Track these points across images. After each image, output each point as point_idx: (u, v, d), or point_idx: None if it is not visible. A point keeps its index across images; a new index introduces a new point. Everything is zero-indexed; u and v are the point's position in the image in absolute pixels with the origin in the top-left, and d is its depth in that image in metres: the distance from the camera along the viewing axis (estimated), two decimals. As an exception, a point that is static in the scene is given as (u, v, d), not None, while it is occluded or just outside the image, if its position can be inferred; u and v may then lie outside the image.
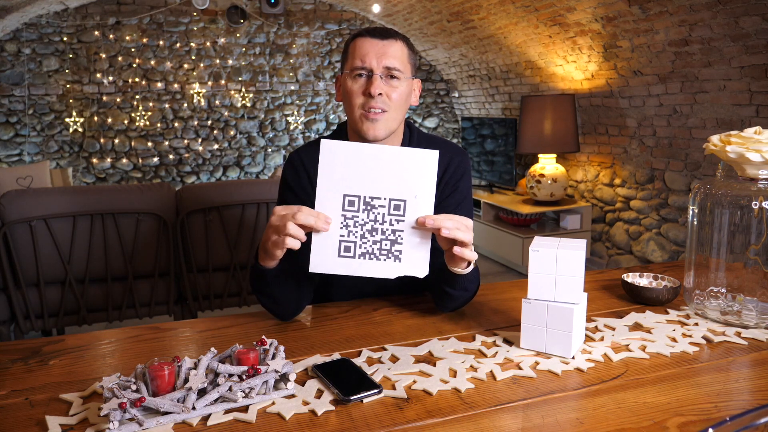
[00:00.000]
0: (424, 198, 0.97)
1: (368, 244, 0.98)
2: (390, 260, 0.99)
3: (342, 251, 0.99)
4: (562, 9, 3.61)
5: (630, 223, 4.06)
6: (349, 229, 0.98)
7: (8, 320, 2.39)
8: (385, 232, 0.98)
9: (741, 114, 3.03)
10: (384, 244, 0.98)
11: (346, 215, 0.98)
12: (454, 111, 6.33)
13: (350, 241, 0.99)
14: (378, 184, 0.97)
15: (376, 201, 0.98)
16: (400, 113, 1.20)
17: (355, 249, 0.99)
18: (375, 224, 0.98)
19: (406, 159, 0.97)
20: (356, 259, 0.99)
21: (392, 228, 0.98)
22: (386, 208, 0.98)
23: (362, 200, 0.98)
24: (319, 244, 0.98)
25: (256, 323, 1.16)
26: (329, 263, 0.99)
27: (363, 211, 0.98)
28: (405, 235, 0.98)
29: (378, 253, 0.99)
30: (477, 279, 1.16)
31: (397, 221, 0.98)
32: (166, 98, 5.37)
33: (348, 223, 0.98)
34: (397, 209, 0.97)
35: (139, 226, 2.41)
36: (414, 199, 0.97)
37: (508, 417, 0.80)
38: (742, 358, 0.98)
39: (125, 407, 0.74)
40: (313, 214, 0.97)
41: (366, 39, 1.18)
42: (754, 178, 1.08)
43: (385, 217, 0.98)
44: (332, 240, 0.99)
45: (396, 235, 0.98)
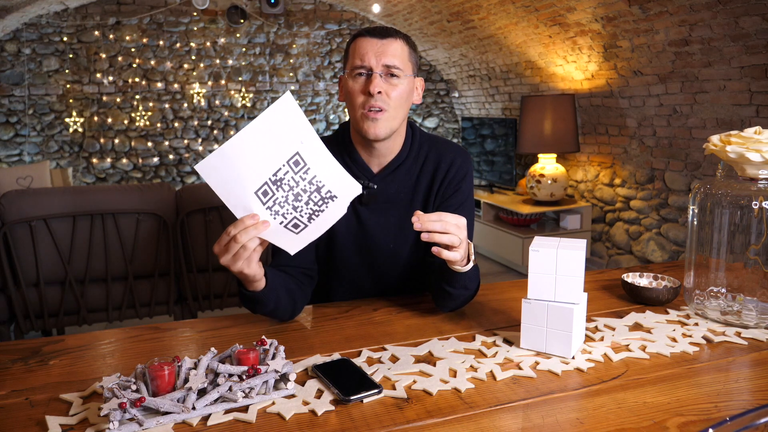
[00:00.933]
0: (308, 136, 0.96)
1: (304, 209, 0.99)
2: (330, 203, 1.00)
3: (294, 230, 0.99)
4: (562, 9, 3.61)
5: (630, 223, 4.06)
6: (282, 212, 0.98)
7: (8, 320, 2.39)
8: (305, 189, 0.98)
9: (741, 114, 3.03)
10: (313, 197, 0.99)
11: (269, 205, 0.97)
12: (454, 111, 6.33)
13: (291, 219, 0.99)
14: (268, 160, 0.95)
15: (279, 173, 0.96)
16: (401, 112, 1.20)
17: (300, 220, 0.99)
18: (294, 190, 0.98)
19: (268, 121, 0.94)
20: (309, 225, 0.99)
21: (307, 181, 0.98)
22: (290, 170, 0.97)
23: (270, 183, 0.96)
24: (278, 237, 0.97)
25: (256, 323, 1.16)
26: (298, 241, 0.98)
27: (277, 189, 0.97)
28: (319, 177, 0.98)
29: (317, 208, 0.99)
30: (477, 278, 1.15)
31: (305, 172, 0.97)
32: (166, 98, 5.37)
33: (276, 209, 0.97)
34: (297, 164, 0.97)
35: (139, 226, 2.41)
36: (303, 145, 0.96)
37: (508, 417, 0.80)
38: (742, 358, 0.98)
39: (125, 407, 0.74)
40: (248, 225, 0.94)
41: (365, 38, 1.18)
42: (754, 178, 1.08)
43: (295, 178, 0.97)
44: (280, 230, 0.98)
45: (314, 184, 0.99)
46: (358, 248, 1.30)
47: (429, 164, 1.28)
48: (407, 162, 1.27)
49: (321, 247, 1.31)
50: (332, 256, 1.31)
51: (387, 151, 1.25)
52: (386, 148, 1.24)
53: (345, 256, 1.30)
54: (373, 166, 1.27)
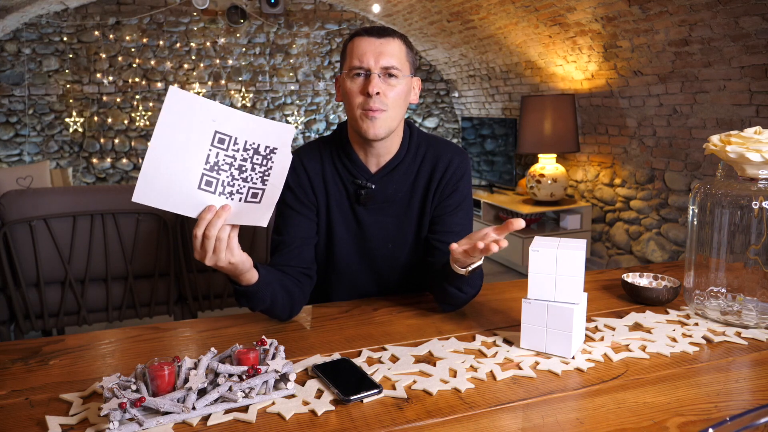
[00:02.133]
0: (216, 113, 0.91)
1: (253, 175, 0.95)
2: (273, 156, 0.95)
3: (254, 199, 0.96)
4: (562, 9, 3.61)
5: (630, 223, 4.06)
6: (235, 190, 0.95)
7: (8, 320, 2.39)
8: (244, 158, 0.94)
9: (741, 114, 3.03)
10: (255, 159, 0.94)
11: (220, 191, 0.94)
12: (454, 111, 6.33)
13: (247, 191, 0.95)
14: (192, 154, 0.91)
15: (210, 158, 0.92)
16: (400, 112, 1.21)
17: (254, 186, 0.95)
18: (234, 164, 0.93)
19: (167, 123, 0.89)
20: (266, 187, 0.96)
21: (241, 149, 0.93)
22: (220, 151, 0.92)
23: (207, 172, 0.92)
24: (243, 217, 0.95)
25: (256, 323, 1.16)
26: (264, 210, 0.96)
27: (218, 173, 0.93)
28: (250, 139, 0.93)
29: (265, 166, 0.95)
30: (480, 279, 1.16)
31: (234, 143, 0.92)
32: (166, 98, 5.36)
33: (229, 191, 0.95)
34: (222, 141, 0.92)
35: (139, 226, 2.41)
36: (215, 122, 0.91)
37: (508, 417, 0.80)
38: (742, 358, 0.98)
39: (125, 407, 0.74)
40: (213, 222, 0.92)
41: (363, 38, 1.18)
42: (754, 178, 1.08)
43: (229, 154, 0.93)
44: (242, 207, 0.95)
45: (249, 148, 0.94)
46: (357, 248, 1.30)
47: (427, 164, 1.28)
48: (405, 162, 1.27)
49: (320, 247, 1.31)
50: (331, 256, 1.31)
51: (385, 151, 1.25)
52: (384, 147, 1.24)
53: (344, 256, 1.30)
54: (371, 166, 1.27)
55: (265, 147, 0.95)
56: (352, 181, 1.27)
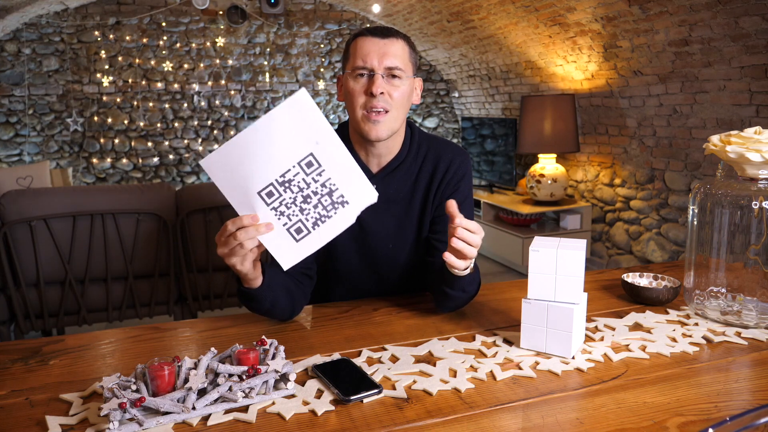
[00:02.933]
0: (326, 140, 0.92)
1: (312, 213, 0.96)
2: (339, 209, 0.96)
3: (296, 235, 0.96)
4: (562, 9, 3.61)
5: (630, 223, 4.06)
6: (287, 214, 0.95)
7: (8, 320, 2.39)
8: (316, 191, 0.95)
9: (741, 114, 3.03)
10: (324, 201, 0.95)
11: (274, 206, 0.94)
12: (454, 111, 6.33)
13: (295, 222, 0.96)
14: (276, 160, 0.92)
15: (288, 174, 0.93)
16: (402, 112, 1.21)
17: (305, 224, 0.96)
18: (303, 192, 0.94)
19: (279, 118, 0.90)
20: (312, 231, 0.96)
21: (319, 183, 0.94)
22: (301, 172, 0.93)
23: (276, 185, 0.93)
24: (274, 243, 0.96)
25: (256, 323, 1.16)
26: (294, 252, 0.97)
27: (285, 191, 0.94)
28: (334, 180, 0.94)
29: (326, 213, 0.96)
30: (476, 280, 1.16)
31: (319, 174, 0.94)
32: (166, 98, 5.37)
33: (282, 210, 0.95)
34: (310, 165, 0.93)
35: (139, 226, 2.41)
36: (318, 146, 0.92)
37: (508, 417, 0.80)
38: (742, 358, 0.98)
39: (125, 407, 0.74)
40: (248, 225, 0.93)
41: (367, 38, 1.18)
42: (754, 178, 1.08)
43: (306, 180, 0.94)
44: (281, 233, 0.96)
45: (327, 186, 0.95)
46: (358, 248, 1.30)
47: (428, 164, 1.28)
48: (406, 162, 1.27)
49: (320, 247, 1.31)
50: (331, 256, 1.31)
51: (386, 151, 1.25)
52: (385, 148, 1.24)
53: (344, 256, 1.30)
54: (372, 166, 1.27)
55: (340, 195, 0.95)
56: (353, 181, 1.27)
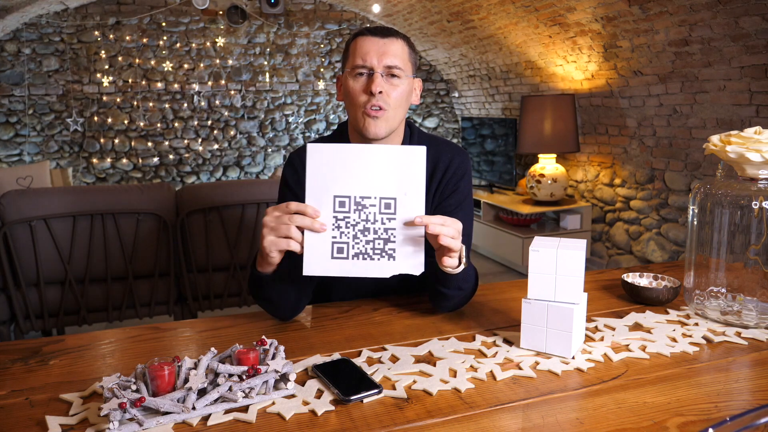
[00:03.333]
0: (414, 195, 0.97)
1: (361, 245, 0.98)
2: (384, 259, 0.98)
3: (335, 252, 0.98)
4: (562, 9, 3.61)
5: (630, 223, 4.06)
6: (341, 230, 0.98)
7: (8, 320, 2.39)
8: (377, 231, 0.97)
9: (741, 114, 3.03)
10: (377, 243, 0.98)
11: (337, 216, 0.97)
12: (454, 111, 6.33)
13: (343, 242, 0.98)
14: (367, 183, 0.96)
15: (367, 200, 0.97)
16: (401, 112, 1.21)
17: (348, 250, 0.98)
18: (367, 224, 0.97)
19: (394, 157, 0.96)
20: (350, 259, 0.98)
21: (384, 227, 0.97)
22: (377, 207, 0.97)
23: (353, 200, 0.97)
24: (312, 246, 0.98)
25: (256, 323, 1.16)
26: (323, 265, 0.98)
27: (354, 211, 0.97)
28: (397, 233, 0.97)
29: (371, 253, 0.98)
30: (472, 278, 1.15)
31: (389, 219, 0.97)
32: (166, 98, 5.37)
33: (340, 224, 0.97)
34: (387, 207, 0.97)
35: (139, 226, 2.41)
36: (404, 197, 0.96)
37: (508, 417, 0.80)
38: (742, 358, 0.98)
39: (125, 407, 0.74)
40: (308, 215, 0.97)
41: (367, 38, 1.18)
42: (754, 178, 1.08)
43: (377, 216, 0.97)
44: (325, 242, 0.98)
45: (388, 234, 0.97)
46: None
47: (427, 164, 1.28)
48: None
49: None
50: (332, 256, 1.31)
51: None
52: None
53: (344, 255, 1.30)
54: None
55: (393, 249, 0.99)
56: (352, 180, 1.27)
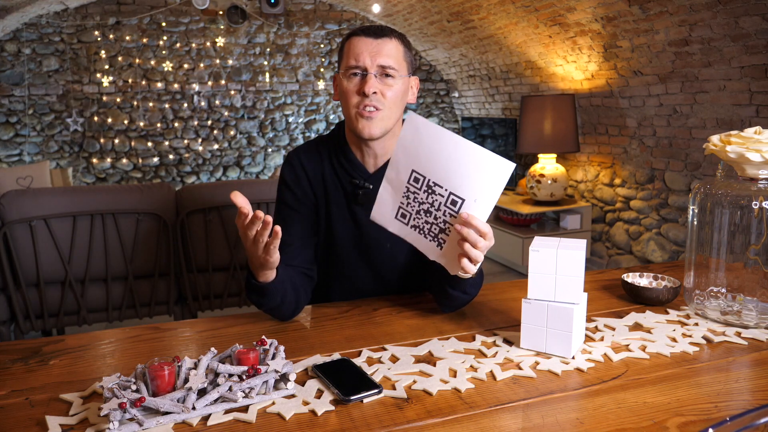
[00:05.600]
0: (482, 204, 0.97)
1: (421, 221, 1.02)
2: (433, 243, 1.03)
3: (398, 215, 1.05)
4: (562, 9, 3.61)
5: (630, 223, 4.06)
6: (408, 201, 1.02)
7: (8, 320, 2.39)
8: (437, 218, 1.00)
9: (741, 114, 3.03)
10: (433, 227, 1.02)
11: (409, 188, 1.01)
12: (454, 111, 6.33)
13: (407, 211, 1.03)
14: (445, 173, 0.97)
15: (438, 189, 0.98)
16: (396, 111, 1.20)
17: (409, 219, 1.03)
18: (431, 208, 1.00)
19: (481, 160, 0.94)
20: (408, 227, 1.04)
21: (444, 218, 1.00)
22: (445, 198, 0.98)
23: (426, 182, 0.99)
24: (383, 198, 1.04)
25: (256, 323, 1.16)
26: (387, 218, 1.06)
27: (424, 191, 1.00)
28: (453, 230, 0.99)
29: (426, 232, 1.02)
30: (479, 283, 1.16)
31: (450, 215, 0.99)
32: (166, 98, 5.37)
33: (409, 195, 1.02)
34: (453, 204, 0.98)
35: (139, 226, 2.41)
36: (473, 203, 0.96)
37: (508, 417, 0.80)
38: (742, 358, 0.98)
39: (125, 407, 0.74)
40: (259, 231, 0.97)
41: (360, 38, 1.18)
42: (754, 178, 1.08)
43: (441, 207, 0.99)
44: (394, 202, 1.03)
45: (446, 226, 1.01)
46: (356, 248, 1.30)
47: None
48: None
49: (319, 246, 1.31)
50: (331, 257, 1.31)
51: (382, 150, 1.25)
52: (381, 147, 1.24)
53: (343, 256, 1.30)
54: (368, 165, 1.27)
55: (443, 239, 1.02)
56: (350, 180, 1.26)
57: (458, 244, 0.99)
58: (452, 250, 1.01)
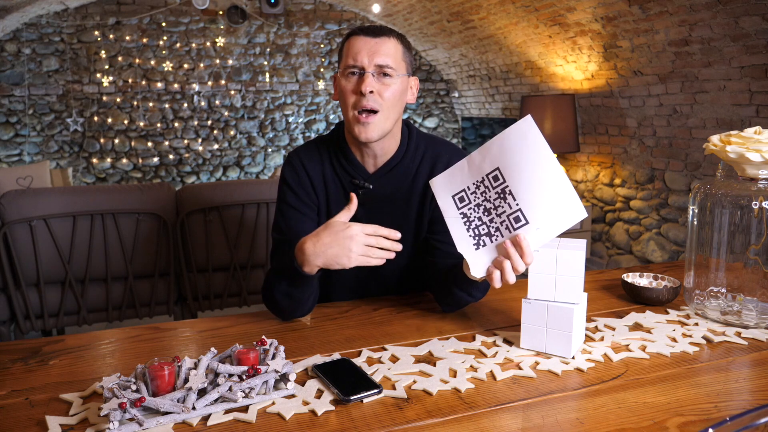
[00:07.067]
0: (541, 235, 0.96)
1: (474, 215, 1.02)
2: (472, 240, 1.03)
3: (456, 196, 1.04)
4: (562, 9, 3.61)
5: (630, 223, 4.06)
6: (475, 191, 1.02)
7: (8, 320, 2.39)
8: (493, 222, 1.00)
9: (741, 114, 3.03)
10: (482, 227, 1.01)
11: (484, 180, 1.00)
12: (454, 111, 6.33)
13: (468, 198, 1.03)
14: (525, 188, 0.96)
15: (510, 198, 0.97)
16: (394, 112, 1.20)
17: (464, 206, 1.03)
18: (493, 210, 1.00)
19: (563, 195, 0.93)
20: (457, 211, 1.04)
21: (499, 227, 0.99)
22: (512, 210, 0.97)
23: (503, 185, 0.98)
24: (453, 173, 1.04)
25: (256, 323, 1.16)
26: (444, 192, 1.06)
27: (496, 192, 0.99)
28: (499, 240, 0.99)
29: (473, 227, 1.02)
30: (485, 288, 1.17)
31: (507, 229, 0.98)
32: (166, 98, 5.37)
33: (480, 186, 1.01)
34: (516, 221, 0.97)
35: (139, 226, 2.41)
36: (534, 230, 0.96)
37: (508, 417, 0.80)
38: (742, 358, 0.98)
39: (125, 407, 0.74)
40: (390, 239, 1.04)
41: (359, 37, 1.18)
42: (754, 178, 1.08)
43: (504, 215, 0.98)
44: (462, 181, 1.03)
45: (495, 233, 1.00)
46: (357, 248, 1.29)
47: (425, 164, 1.28)
48: (404, 162, 1.27)
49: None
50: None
51: (382, 151, 1.25)
52: (381, 148, 1.24)
53: (344, 256, 1.30)
54: (368, 166, 1.27)
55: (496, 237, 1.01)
56: (350, 181, 1.26)
57: (498, 258, 0.99)
58: (487, 257, 1.00)
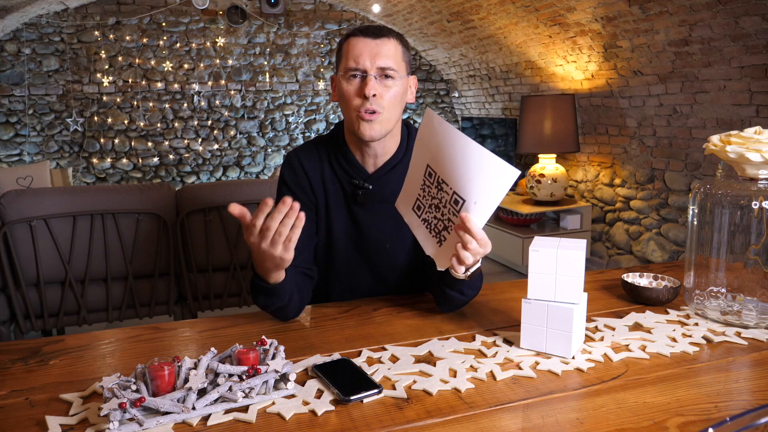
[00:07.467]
0: (482, 207, 0.96)
1: (430, 216, 1.05)
2: (435, 239, 1.05)
3: (414, 206, 1.09)
4: (562, 9, 3.61)
5: (630, 223, 4.06)
6: (424, 195, 1.06)
7: (8, 320, 2.39)
8: (444, 215, 1.02)
9: (741, 114, 3.03)
10: (439, 224, 1.04)
11: (425, 182, 1.03)
12: (454, 111, 6.33)
13: (422, 204, 1.07)
14: (451, 172, 0.97)
15: (445, 186, 0.99)
16: (396, 112, 1.20)
17: (422, 212, 1.07)
18: (439, 204, 1.02)
19: (486, 164, 0.93)
20: (419, 219, 1.08)
21: (449, 216, 1.01)
22: (449, 197, 0.99)
23: (437, 178, 1.00)
24: (409, 187, 1.09)
25: (256, 323, 1.16)
26: (405, 208, 1.11)
27: (435, 187, 1.02)
28: (454, 228, 1.00)
29: (432, 227, 1.06)
30: (477, 286, 1.16)
31: (453, 215, 1.00)
32: (166, 98, 5.37)
33: (424, 189, 1.05)
34: (455, 204, 0.98)
35: (139, 226, 2.41)
36: (473, 205, 0.96)
37: (508, 417, 0.80)
38: (742, 358, 0.98)
39: (125, 407, 0.74)
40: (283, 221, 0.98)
41: (359, 39, 1.17)
42: (754, 178, 1.08)
43: (447, 204, 1.00)
44: (413, 192, 1.07)
45: (448, 224, 1.02)
46: (356, 248, 1.30)
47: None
48: (403, 162, 1.27)
49: (319, 247, 1.31)
50: (330, 257, 1.31)
51: (382, 151, 1.25)
52: (381, 148, 1.24)
53: (343, 256, 1.30)
54: (368, 166, 1.27)
55: (444, 236, 1.04)
56: (349, 181, 1.26)
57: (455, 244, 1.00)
58: (449, 248, 1.02)
